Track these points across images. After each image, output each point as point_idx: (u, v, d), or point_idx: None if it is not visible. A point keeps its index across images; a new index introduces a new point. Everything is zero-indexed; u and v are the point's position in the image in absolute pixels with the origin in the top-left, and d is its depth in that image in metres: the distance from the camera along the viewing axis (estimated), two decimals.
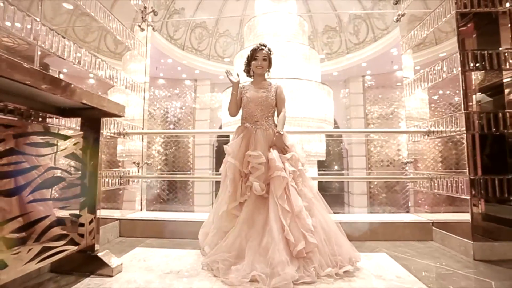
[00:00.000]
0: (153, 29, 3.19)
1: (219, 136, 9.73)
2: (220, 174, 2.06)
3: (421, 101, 2.80)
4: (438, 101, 2.50)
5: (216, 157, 9.65)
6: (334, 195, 9.79)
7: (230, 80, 1.98)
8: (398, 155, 8.47)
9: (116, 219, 2.50)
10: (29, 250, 1.28)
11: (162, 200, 8.70)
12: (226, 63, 8.93)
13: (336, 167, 10.10)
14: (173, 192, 9.02)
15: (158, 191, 8.65)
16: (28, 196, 1.28)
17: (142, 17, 2.90)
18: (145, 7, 2.99)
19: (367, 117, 8.83)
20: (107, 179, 2.48)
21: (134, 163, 2.88)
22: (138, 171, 2.90)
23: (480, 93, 2.25)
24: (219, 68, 8.95)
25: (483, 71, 2.09)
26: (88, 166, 1.68)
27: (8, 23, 1.53)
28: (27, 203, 1.28)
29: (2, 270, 1.15)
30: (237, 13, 8.47)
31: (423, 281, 1.56)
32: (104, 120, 1.82)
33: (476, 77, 2.25)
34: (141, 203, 2.90)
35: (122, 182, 2.67)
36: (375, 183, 8.49)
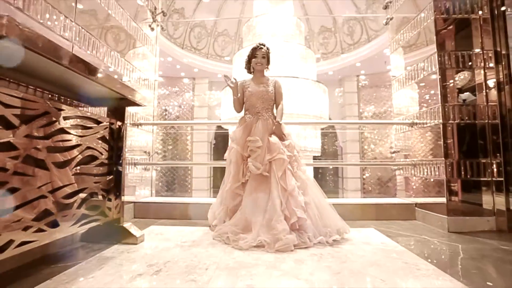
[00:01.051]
0: (162, 28, 3.43)
1: (216, 134, 9.97)
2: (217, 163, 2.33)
3: (412, 99, 3.08)
4: (429, 100, 2.77)
5: (214, 154, 9.88)
6: (328, 192, 10.11)
7: (228, 85, 2.24)
8: (391, 152, 8.81)
9: (131, 202, 2.74)
10: (73, 215, 1.53)
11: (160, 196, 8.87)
12: (225, 61, 9.16)
13: (331, 167, 10.41)
14: (171, 188, 9.23)
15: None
16: (72, 169, 1.52)
17: (152, 18, 3.14)
18: (155, 8, 3.23)
19: (361, 115, 9.16)
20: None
21: (145, 152, 3.12)
22: (149, 160, 3.14)
23: (467, 92, 2.55)
24: (217, 66, 9.18)
25: (469, 71, 2.38)
26: (115, 149, 1.93)
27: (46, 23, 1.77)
28: (72, 175, 1.52)
29: (56, 228, 1.39)
30: (235, 12, 8.71)
31: (403, 246, 1.84)
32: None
33: (464, 76, 2.54)
34: (151, 188, 3.14)
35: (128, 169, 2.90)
36: (370, 180, 8.84)
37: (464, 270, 1.43)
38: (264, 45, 2.32)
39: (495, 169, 2.21)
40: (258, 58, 2.29)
